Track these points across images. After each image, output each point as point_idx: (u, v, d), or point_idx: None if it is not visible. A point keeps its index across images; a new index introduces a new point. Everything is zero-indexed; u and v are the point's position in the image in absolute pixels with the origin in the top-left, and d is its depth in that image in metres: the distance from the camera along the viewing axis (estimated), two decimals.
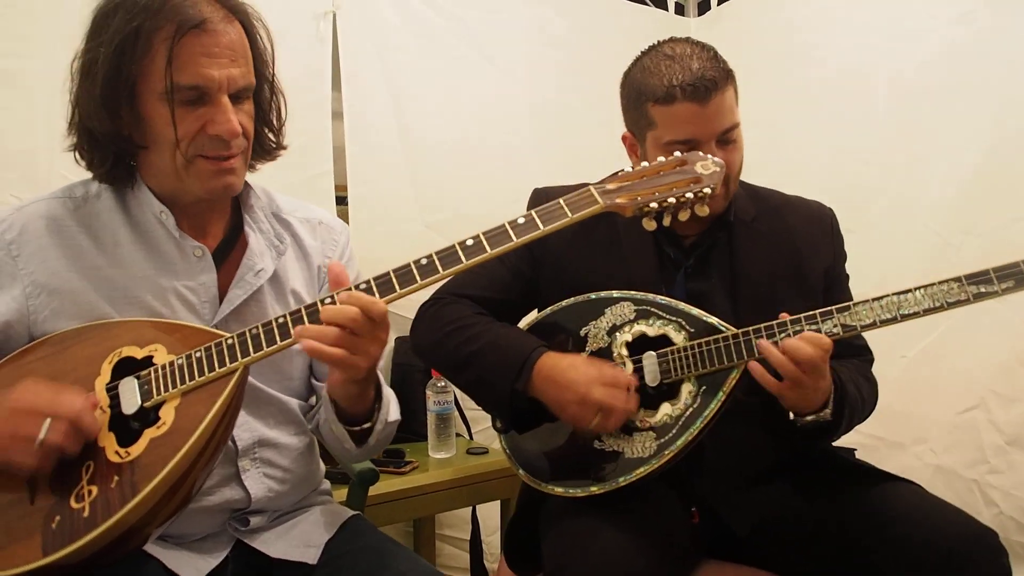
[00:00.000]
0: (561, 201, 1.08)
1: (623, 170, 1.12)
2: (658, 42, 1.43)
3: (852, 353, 1.44)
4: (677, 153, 1.13)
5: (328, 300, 1.02)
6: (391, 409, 1.25)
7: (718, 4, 2.94)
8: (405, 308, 1.10)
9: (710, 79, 1.31)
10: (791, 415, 1.28)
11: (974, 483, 2.13)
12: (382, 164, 2.37)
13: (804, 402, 1.24)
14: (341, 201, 2.30)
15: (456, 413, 2.22)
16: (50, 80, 1.82)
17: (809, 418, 1.27)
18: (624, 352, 1.31)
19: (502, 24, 2.59)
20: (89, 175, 1.15)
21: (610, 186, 1.10)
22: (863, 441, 2.13)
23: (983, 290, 1.17)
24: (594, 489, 1.25)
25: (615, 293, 1.35)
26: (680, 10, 3.05)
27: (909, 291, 1.20)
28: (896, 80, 2.35)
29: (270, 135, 1.21)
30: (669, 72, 1.33)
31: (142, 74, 1.04)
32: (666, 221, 1.11)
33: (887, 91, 2.37)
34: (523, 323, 1.46)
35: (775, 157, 2.24)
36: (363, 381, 1.11)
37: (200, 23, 1.04)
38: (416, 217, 2.42)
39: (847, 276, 1.53)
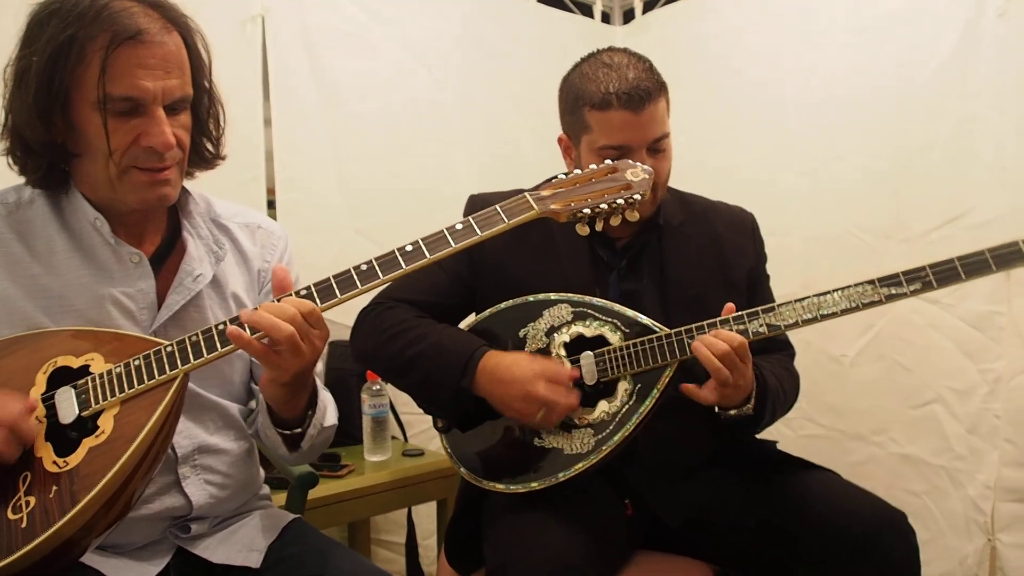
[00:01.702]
0: (498, 207, 1.10)
1: (557, 176, 1.16)
2: (598, 50, 1.48)
3: (776, 348, 1.53)
4: (608, 161, 1.17)
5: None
6: (327, 414, 1.25)
7: (643, 13, 3.02)
8: (339, 313, 1.11)
9: (644, 89, 1.37)
10: (716, 409, 1.34)
11: (942, 469, 2.25)
12: (311, 169, 2.34)
13: (726, 399, 1.31)
14: (271, 205, 2.27)
15: (391, 416, 2.22)
16: None
17: (732, 412, 1.33)
18: (562, 352, 1.35)
19: (435, 29, 2.60)
20: (19, 180, 1.13)
21: (545, 193, 1.13)
22: (826, 434, 2.32)
23: (894, 292, 1.25)
24: (534, 485, 1.28)
25: (552, 295, 1.38)
26: (606, 18, 3.13)
27: (828, 293, 1.28)
28: (804, 87, 2.47)
29: (208, 145, 1.21)
30: (607, 79, 1.38)
31: (75, 83, 1.03)
32: (598, 226, 1.15)
33: (797, 97, 2.49)
34: (462, 326, 1.49)
35: (697, 162, 2.33)
36: (291, 385, 1.10)
37: (136, 34, 1.02)
38: (346, 223, 2.41)
39: (768, 276, 1.61)
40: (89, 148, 1.07)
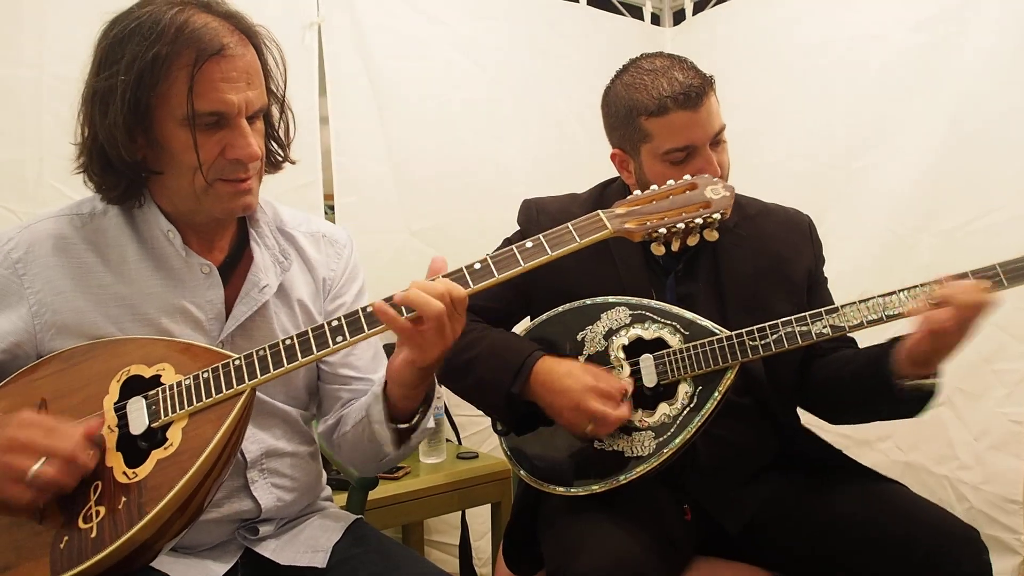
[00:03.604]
0: (570, 226, 1.08)
1: (634, 192, 1.13)
2: (632, 60, 1.47)
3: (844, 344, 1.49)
4: (688, 177, 1.13)
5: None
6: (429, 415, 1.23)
7: (693, 14, 2.99)
8: None
9: (698, 86, 1.36)
10: (898, 376, 1.27)
11: (945, 479, 2.16)
12: (368, 173, 2.37)
13: (937, 356, 1.23)
14: (328, 210, 2.31)
15: (446, 419, 2.24)
16: (38, 89, 1.84)
17: (913, 383, 1.27)
18: (621, 355, 1.34)
19: (488, 31, 2.62)
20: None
21: (619, 211, 1.10)
22: (833, 440, 2.22)
23: None
24: (595, 488, 1.28)
25: (611, 298, 1.38)
26: (656, 20, 3.11)
27: (893, 293, 1.25)
28: (856, 84, 2.41)
29: (278, 150, 1.22)
30: (656, 85, 1.37)
31: (160, 101, 1.04)
32: (675, 246, 1.11)
33: (847, 95, 2.44)
34: (518, 330, 1.49)
35: (745, 163, 2.29)
36: (427, 370, 1.09)
37: (220, 49, 1.04)
38: (402, 226, 2.43)
39: (826, 279, 1.58)
40: (173, 163, 1.08)
